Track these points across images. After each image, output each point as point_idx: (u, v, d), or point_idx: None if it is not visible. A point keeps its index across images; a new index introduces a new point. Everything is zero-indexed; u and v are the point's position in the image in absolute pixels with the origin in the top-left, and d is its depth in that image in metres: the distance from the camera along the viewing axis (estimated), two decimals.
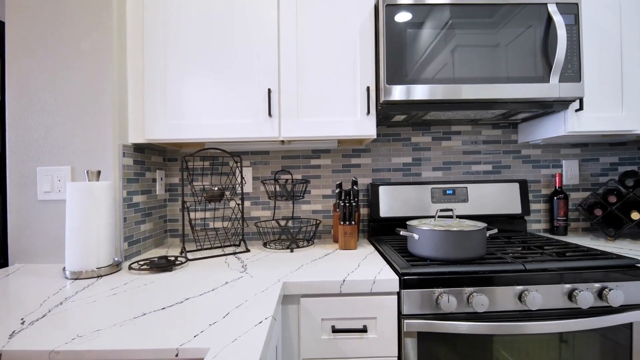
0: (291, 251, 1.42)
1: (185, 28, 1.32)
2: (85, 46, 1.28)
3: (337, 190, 1.48)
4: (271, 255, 1.37)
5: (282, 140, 1.41)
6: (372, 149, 1.73)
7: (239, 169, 1.69)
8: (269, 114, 1.30)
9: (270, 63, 1.32)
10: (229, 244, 1.59)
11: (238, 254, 1.39)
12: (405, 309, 1.03)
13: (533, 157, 1.74)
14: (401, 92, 1.24)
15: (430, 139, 1.73)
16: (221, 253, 1.41)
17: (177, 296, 0.92)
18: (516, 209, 1.62)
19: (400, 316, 1.03)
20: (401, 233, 1.20)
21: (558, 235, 1.64)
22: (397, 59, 1.24)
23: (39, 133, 1.28)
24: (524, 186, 1.63)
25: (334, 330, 1.03)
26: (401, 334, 1.03)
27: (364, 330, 1.03)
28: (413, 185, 1.62)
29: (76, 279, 1.09)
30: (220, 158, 1.71)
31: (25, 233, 1.29)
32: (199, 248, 1.48)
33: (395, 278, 1.03)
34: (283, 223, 1.70)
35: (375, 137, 1.40)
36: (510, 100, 1.26)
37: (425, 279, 1.03)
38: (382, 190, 1.62)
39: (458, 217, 1.58)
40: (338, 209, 1.47)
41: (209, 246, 1.53)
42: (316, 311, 1.03)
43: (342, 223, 1.43)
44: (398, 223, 1.61)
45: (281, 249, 1.46)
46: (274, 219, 1.60)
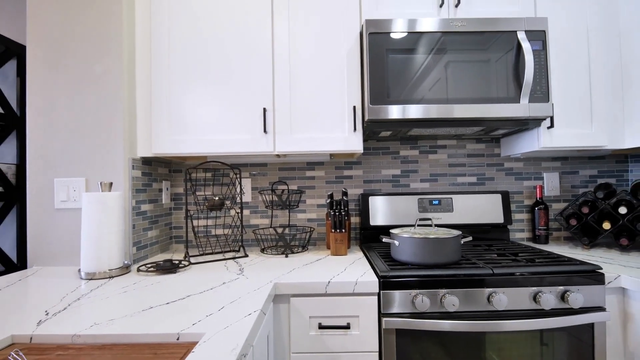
0: (286, 256, 1.53)
1: (189, 54, 1.47)
2: (99, 70, 1.43)
3: (328, 201, 1.60)
4: (267, 260, 1.48)
5: (278, 154, 1.54)
6: (364, 162, 1.85)
7: (238, 180, 1.83)
8: (265, 131, 1.43)
9: (265, 85, 1.46)
10: (229, 249, 1.71)
11: (237, 259, 1.51)
12: (385, 308, 1.14)
13: (515, 170, 1.85)
14: (384, 112, 1.37)
15: (417, 152, 1.85)
16: (221, 258, 1.53)
17: (180, 294, 1.04)
18: (499, 219, 1.72)
19: (380, 315, 1.14)
20: (384, 240, 1.31)
21: (539, 244, 1.73)
22: (380, 81, 1.37)
23: (56, 148, 1.42)
24: (505, 197, 1.74)
25: (321, 327, 1.14)
26: (381, 331, 1.13)
27: (347, 327, 1.14)
28: (401, 196, 1.73)
29: (90, 279, 1.22)
30: (221, 170, 1.84)
31: (43, 238, 1.42)
32: (201, 253, 1.61)
33: (376, 280, 1.14)
34: (280, 230, 1.82)
35: (362, 152, 1.52)
36: (480, 118, 1.38)
37: (402, 281, 1.14)
38: (372, 200, 1.73)
39: (443, 226, 1.69)
40: (329, 218, 1.59)
41: (211, 251, 1.66)
42: (305, 310, 1.15)
43: (333, 231, 1.54)
44: (387, 231, 1.72)
45: (277, 255, 1.57)
46: (271, 227, 1.72)
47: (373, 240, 1.73)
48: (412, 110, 1.36)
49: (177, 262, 1.39)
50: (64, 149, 1.43)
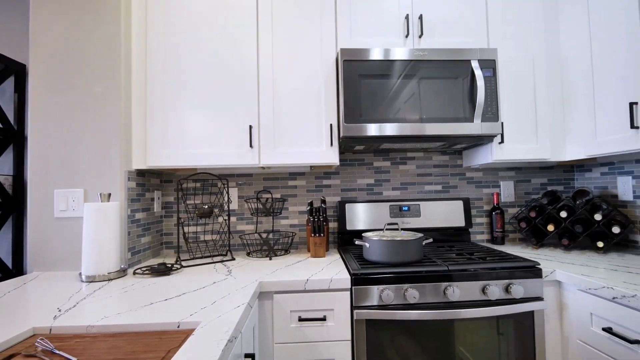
0: (270, 259, 1.69)
1: (182, 78, 1.62)
2: (98, 90, 1.56)
3: (309, 208, 1.77)
4: (253, 262, 1.64)
5: (262, 166, 1.70)
6: (341, 172, 2.03)
7: (226, 189, 1.97)
8: (251, 146, 1.60)
9: (251, 105, 1.63)
10: (217, 253, 1.85)
11: (225, 262, 1.66)
12: (356, 302, 1.31)
13: (476, 179, 2.07)
14: (356, 129, 1.56)
15: (389, 163, 2.04)
16: (210, 261, 1.67)
17: (176, 292, 1.18)
18: (461, 223, 1.93)
19: (352, 307, 1.31)
20: (356, 243, 1.49)
21: (496, 245, 1.95)
22: (353, 102, 1.56)
23: (56, 161, 1.54)
24: (467, 203, 1.95)
25: (300, 320, 1.30)
26: (353, 322, 1.31)
27: (324, 319, 1.30)
28: (375, 203, 1.92)
29: (91, 282, 1.34)
30: (210, 180, 1.99)
31: (42, 245, 1.53)
32: (192, 257, 1.74)
33: (348, 277, 1.31)
34: (264, 235, 1.97)
35: (338, 164, 1.70)
36: (439, 135, 1.58)
37: (371, 278, 1.32)
38: (349, 207, 1.91)
39: (412, 230, 1.88)
40: (309, 224, 1.76)
41: (200, 255, 1.80)
42: (286, 304, 1.31)
43: (313, 235, 1.71)
44: (362, 235, 1.90)
45: (262, 257, 1.73)
46: (256, 232, 1.87)
47: (349, 243, 1.91)
48: (381, 128, 1.56)
49: (170, 265, 1.53)
50: (63, 162, 1.54)
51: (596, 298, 1.23)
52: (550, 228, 1.76)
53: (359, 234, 1.91)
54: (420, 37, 1.69)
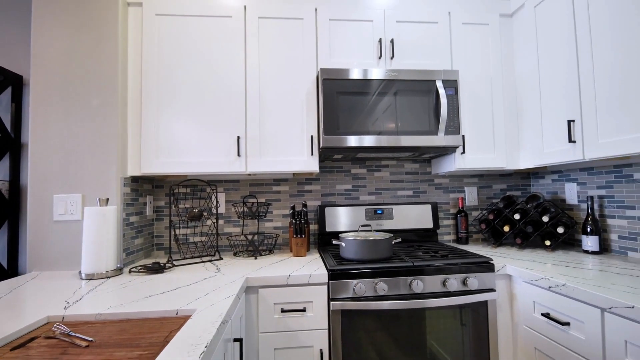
0: (255, 258, 1.84)
1: (176, 92, 1.77)
2: (96, 103, 1.69)
3: (291, 211, 1.93)
4: (239, 261, 1.78)
5: (249, 173, 1.85)
6: (321, 178, 2.21)
7: (214, 194, 2.12)
8: (238, 154, 1.75)
9: (239, 118, 1.79)
10: (206, 254, 1.99)
11: (213, 261, 1.80)
12: (332, 295, 1.48)
13: (443, 185, 2.28)
14: (334, 140, 1.74)
15: (365, 170, 2.23)
16: (200, 261, 1.81)
17: (171, 286, 1.32)
18: (429, 225, 2.13)
19: (329, 299, 1.48)
20: (333, 242, 1.66)
21: (461, 244, 2.16)
22: (332, 116, 1.74)
23: (55, 168, 1.66)
24: (435, 207, 2.16)
25: (283, 311, 1.46)
26: (330, 312, 1.47)
27: (304, 310, 1.46)
28: (352, 207, 2.10)
29: (90, 279, 1.47)
30: (200, 186, 2.12)
31: (41, 246, 1.64)
32: (182, 257, 1.88)
33: (326, 273, 1.48)
34: (250, 237, 2.12)
35: (318, 171, 1.88)
36: (408, 147, 1.78)
37: (346, 273, 1.49)
38: (328, 210, 2.09)
39: (384, 231, 2.07)
40: (292, 226, 1.92)
41: (190, 256, 1.93)
42: (270, 298, 1.46)
43: (295, 236, 1.87)
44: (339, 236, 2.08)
45: (248, 257, 1.88)
46: (242, 234, 2.02)
47: (329, 244, 2.08)
48: (355, 140, 1.74)
49: (163, 264, 1.66)
50: (62, 169, 1.66)
51: (537, 288, 1.44)
52: (506, 229, 1.98)
53: (337, 235, 2.08)
54: (392, 59, 1.89)
